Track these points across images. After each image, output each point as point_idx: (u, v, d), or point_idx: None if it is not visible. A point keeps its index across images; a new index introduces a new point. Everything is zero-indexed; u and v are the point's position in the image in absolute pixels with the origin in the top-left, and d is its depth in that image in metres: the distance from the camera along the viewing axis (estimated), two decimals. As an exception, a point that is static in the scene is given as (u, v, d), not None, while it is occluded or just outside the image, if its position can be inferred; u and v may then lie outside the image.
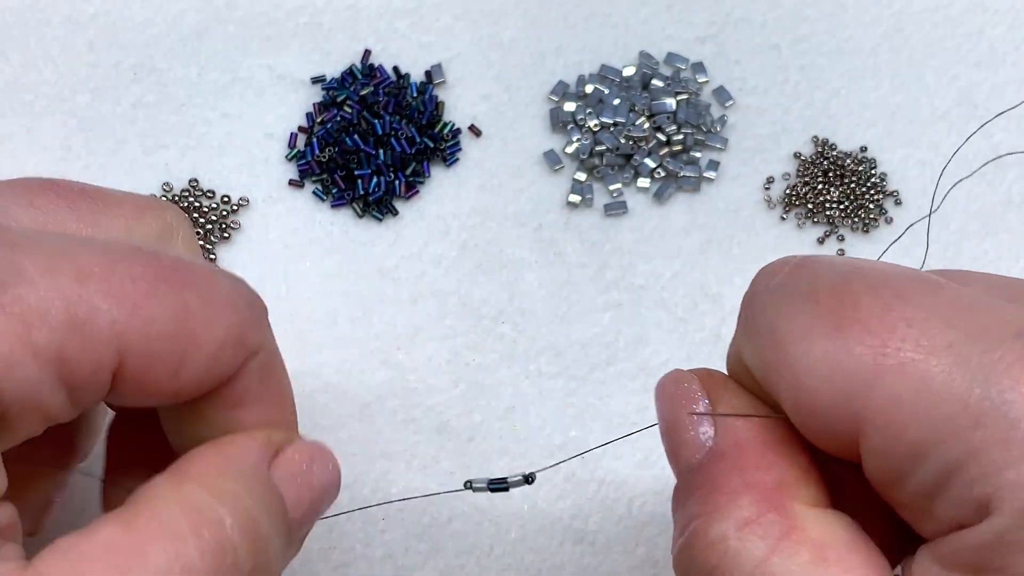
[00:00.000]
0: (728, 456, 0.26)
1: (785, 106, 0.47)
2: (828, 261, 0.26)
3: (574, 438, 0.42)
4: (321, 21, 0.48)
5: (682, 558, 0.26)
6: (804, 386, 0.24)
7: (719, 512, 0.25)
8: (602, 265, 0.44)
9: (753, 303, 0.27)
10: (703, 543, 0.25)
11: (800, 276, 0.25)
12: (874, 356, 0.23)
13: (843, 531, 0.25)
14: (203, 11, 0.48)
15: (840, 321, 0.24)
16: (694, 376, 0.28)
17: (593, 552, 0.40)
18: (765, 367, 0.25)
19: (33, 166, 0.46)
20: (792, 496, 0.25)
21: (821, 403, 0.24)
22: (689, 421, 0.27)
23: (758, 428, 0.26)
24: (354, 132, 0.46)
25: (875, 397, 0.23)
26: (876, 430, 0.23)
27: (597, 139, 0.46)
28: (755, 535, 0.24)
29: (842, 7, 0.48)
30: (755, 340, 0.26)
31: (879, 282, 0.24)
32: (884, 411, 0.23)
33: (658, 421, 0.28)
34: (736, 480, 0.25)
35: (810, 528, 0.24)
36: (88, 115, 0.46)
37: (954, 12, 0.48)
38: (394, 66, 0.47)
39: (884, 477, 0.24)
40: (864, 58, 0.47)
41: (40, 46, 0.47)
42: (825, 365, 0.23)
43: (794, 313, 0.25)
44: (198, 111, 0.46)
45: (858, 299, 0.24)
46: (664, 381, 0.28)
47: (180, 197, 0.45)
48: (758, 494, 0.25)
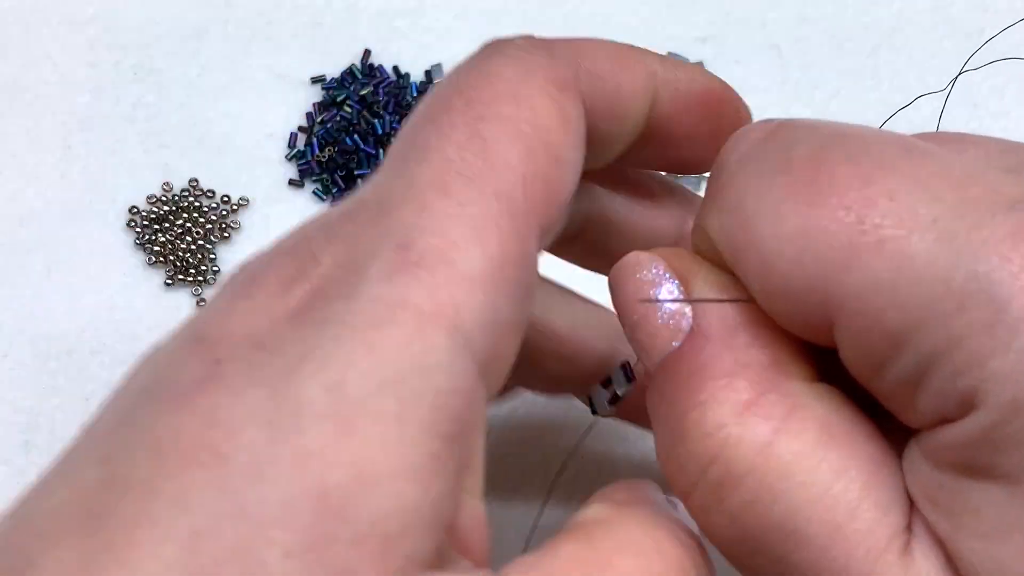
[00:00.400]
0: (716, 337, 0.23)
1: (785, 106, 0.47)
2: (806, 126, 0.23)
3: (574, 438, 0.42)
4: (321, 21, 0.48)
5: (672, 456, 0.23)
6: (774, 268, 0.22)
7: (714, 398, 0.22)
8: (602, 265, 0.44)
9: (721, 174, 0.24)
10: (699, 434, 0.22)
11: (773, 144, 0.23)
12: (850, 234, 0.21)
13: (843, 406, 0.23)
14: (203, 11, 0.48)
15: (814, 195, 0.21)
16: (657, 257, 0.24)
17: (593, 552, 0.40)
18: (732, 245, 0.23)
19: (33, 166, 0.46)
20: (789, 373, 0.23)
21: (792, 287, 0.21)
22: (659, 307, 0.24)
23: (743, 303, 0.23)
24: (354, 132, 0.46)
25: (850, 279, 0.21)
26: (851, 315, 0.21)
27: (597, 139, 0.46)
28: (757, 417, 0.22)
29: (842, 7, 0.48)
30: (722, 216, 0.23)
31: (859, 150, 0.22)
32: (860, 295, 0.21)
33: (618, 312, 0.25)
34: (729, 361, 0.23)
35: (812, 405, 0.22)
36: (88, 115, 0.46)
37: (954, 12, 0.48)
38: (394, 66, 0.47)
39: (861, 366, 0.22)
40: (864, 58, 0.47)
41: (40, 46, 0.47)
42: (796, 245, 0.21)
43: (764, 187, 0.22)
44: (198, 111, 0.46)
45: (835, 169, 0.21)
46: (619, 268, 0.25)
47: (180, 197, 0.45)
48: (755, 374, 0.22)
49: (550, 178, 0.22)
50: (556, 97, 0.23)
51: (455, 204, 0.21)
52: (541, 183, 0.22)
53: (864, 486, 0.22)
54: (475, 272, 0.20)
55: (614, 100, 0.25)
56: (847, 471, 0.22)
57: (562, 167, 0.23)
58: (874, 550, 0.21)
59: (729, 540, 0.23)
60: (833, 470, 0.22)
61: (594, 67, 0.25)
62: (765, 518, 0.22)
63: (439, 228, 0.20)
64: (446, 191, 0.21)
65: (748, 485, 0.22)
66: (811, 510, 0.21)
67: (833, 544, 0.21)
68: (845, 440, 0.22)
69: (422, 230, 0.20)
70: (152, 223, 0.45)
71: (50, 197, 0.45)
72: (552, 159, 0.22)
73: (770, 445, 0.22)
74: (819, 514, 0.21)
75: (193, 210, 0.45)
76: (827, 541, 0.21)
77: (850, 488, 0.22)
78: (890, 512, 0.22)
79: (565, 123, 0.23)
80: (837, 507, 0.21)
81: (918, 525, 0.22)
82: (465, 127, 0.22)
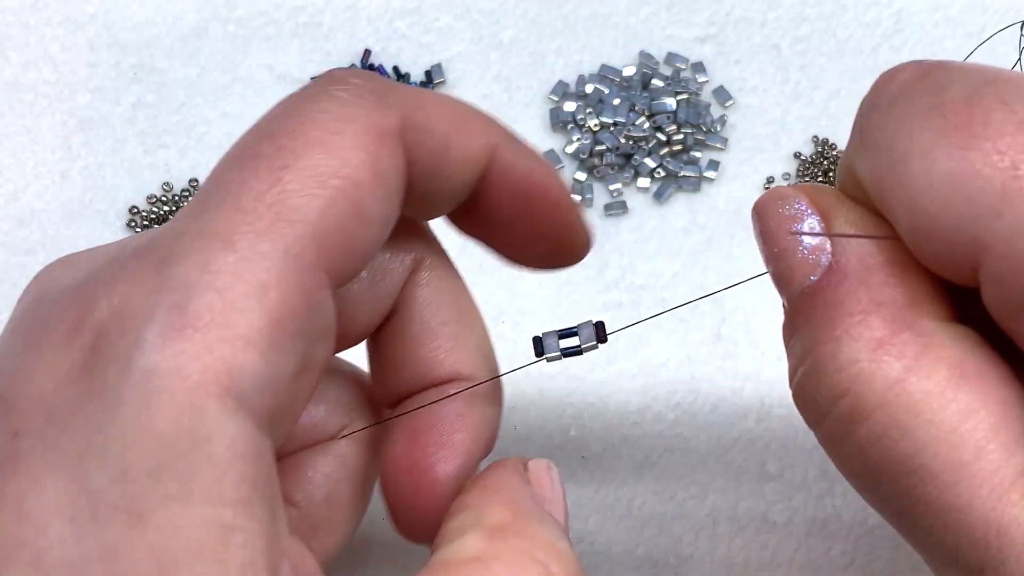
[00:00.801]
0: (852, 274, 0.24)
1: (785, 106, 0.47)
2: (957, 69, 0.23)
3: (574, 438, 0.42)
4: (321, 21, 0.48)
5: (805, 387, 0.24)
6: (923, 208, 0.22)
7: (849, 334, 0.23)
8: (602, 265, 0.44)
9: (872, 113, 0.24)
10: (832, 368, 0.23)
11: (926, 85, 0.23)
12: (1003, 179, 0.21)
13: (977, 347, 0.23)
14: (203, 11, 0.48)
15: (968, 137, 0.22)
16: (800, 193, 0.25)
17: (592, 552, 0.40)
18: (881, 183, 0.23)
19: (33, 166, 0.46)
20: (924, 313, 0.23)
21: (940, 226, 0.22)
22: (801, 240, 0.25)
23: (882, 242, 0.24)
24: (354, 132, 0.46)
25: (1000, 224, 0.21)
26: (999, 258, 0.21)
27: (597, 139, 0.46)
28: (890, 355, 0.23)
29: (842, 7, 0.48)
30: (871, 156, 0.24)
31: (1014, 96, 0.22)
32: (1009, 239, 0.21)
33: (760, 244, 0.26)
34: (865, 299, 0.23)
35: (946, 345, 0.23)
36: (88, 115, 0.46)
37: (954, 12, 0.48)
38: (394, 66, 0.47)
39: (1003, 308, 0.22)
40: (864, 58, 0.47)
41: (40, 46, 0.47)
42: (948, 186, 0.22)
43: (916, 129, 0.22)
44: (198, 111, 0.46)
45: (989, 114, 0.22)
46: (765, 200, 0.26)
47: (180, 197, 0.45)
48: (889, 312, 0.23)
49: (351, 232, 0.23)
50: (371, 149, 0.23)
51: (239, 259, 0.21)
52: (340, 236, 0.22)
53: (992, 427, 0.22)
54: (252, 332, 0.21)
55: (442, 160, 0.25)
56: (976, 412, 0.22)
57: (366, 222, 0.23)
58: (998, 488, 0.22)
59: (855, 471, 0.24)
60: (962, 410, 0.22)
61: (427, 122, 0.25)
62: (892, 452, 0.23)
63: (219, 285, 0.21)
64: (232, 245, 0.21)
65: (877, 419, 0.23)
66: (937, 447, 0.22)
67: (957, 481, 0.22)
68: (977, 381, 0.22)
69: (202, 288, 0.21)
70: (152, 223, 0.45)
71: (50, 197, 0.45)
72: (356, 213, 0.23)
73: (901, 383, 0.22)
74: (945, 452, 0.22)
75: (193, 210, 0.45)
76: (951, 478, 0.22)
77: (978, 428, 0.22)
78: (1017, 453, 0.22)
79: (377, 177, 0.23)
80: (964, 446, 0.22)
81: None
82: (268, 175, 0.22)
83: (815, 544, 0.41)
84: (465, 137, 0.26)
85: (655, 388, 0.42)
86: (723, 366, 0.43)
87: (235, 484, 0.20)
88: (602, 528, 0.41)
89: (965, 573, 0.23)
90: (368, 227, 0.23)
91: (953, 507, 0.22)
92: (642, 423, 0.42)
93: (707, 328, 0.43)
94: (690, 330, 0.43)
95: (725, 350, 0.43)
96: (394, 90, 0.25)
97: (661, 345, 0.43)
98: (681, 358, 0.43)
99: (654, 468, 0.41)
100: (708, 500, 0.41)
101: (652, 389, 0.42)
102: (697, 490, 0.41)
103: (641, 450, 0.41)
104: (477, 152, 0.26)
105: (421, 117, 0.25)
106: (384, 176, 0.23)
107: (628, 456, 0.41)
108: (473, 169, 0.26)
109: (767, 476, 0.41)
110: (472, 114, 0.26)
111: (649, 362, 0.43)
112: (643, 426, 0.42)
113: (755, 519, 0.41)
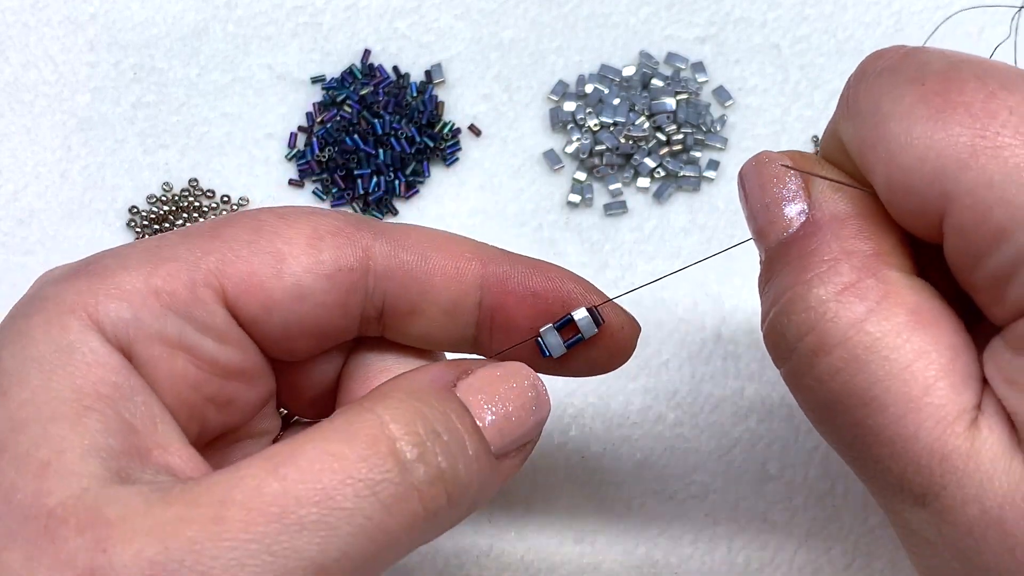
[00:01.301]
0: (826, 227, 0.27)
1: (785, 106, 0.47)
2: (937, 51, 0.27)
3: (574, 438, 0.42)
4: (321, 21, 0.48)
5: (775, 325, 0.27)
6: (900, 161, 0.25)
7: (819, 278, 0.26)
8: (602, 265, 0.44)
9: (859, 83, 0.27)
10: (801, 307, 0.26)
11: (909, 61, 0.26)
12: (972, 138, 0.24)
13: (934, 298, 0.26)
14: (203, 11, 0.48)
15: (944, 103, 0.25)
16: (784, 155, 0.28)
17: (592, 552, 0.40)
18: (862, 143, 0.26)
19: (33, 166, 0.46)
20: (888, 264, 0.26)
21: (914, 179, 0.25)
22: (781, 197, 0.28)
23: (853, 202, 0.27)
24: (354, 132, 0.46)
25: (967, 177, 0.24)
26: (962, 209, 0.24)
27: (597, 139, 0.46)
28: (855, 297, 0.26)
29: (842, 7, 0.48)
30: (856, 118, 0.27)
31: (985, 72, 0.25)
32: (973, 191, 0.24)
33: (745, 201, 0.29)
34: (836, 248, 0.26)
35: (905, 293, 0.26)
36: (88, 115, 0.46)
37: (954, 12, 0.48)
38: (394, 66, 0.47)
39: (963, 258, 0.25)
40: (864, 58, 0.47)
41: (40, 46, 0.47)
42: (923, 143, 0.24)
43: (899, 94, 0.25)
44: (198, 111, 0.46)
45: (964, 84, 0.25)
46: (751, 163, 0.29)
47: (180, 197, 0.45)
48: (857, 260, 0.26)
49: (261, 278, 0.28)
50: (313, 241, 0.28)
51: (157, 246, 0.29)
52: (249, 277, 0.28)
53: (942, 368, 0.25)
54: (128, 290, 0.27)
55: (425, 275, 0.29)
56: (928, 353, 0.25)
57: (282, 279, 0.28)
58: (943, 421, 0.25)
59: (815, 403, 0.27)
60: (915, 351, 0.25)
61: (404, 240, 0.29)
62: (849, 384, 0.25)
63: (123, 253, 0.28)
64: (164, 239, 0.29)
65: (838, 354, 0.25)
66: (890, 382, 0.25)
67: (907, 413, 0.25)
68: (931, 327, 0.25)
69: (110, 254, 0.28)
70: (152, 223, 0.45)
71: (50, 197, 0.45)
72: (275, 272, 0.28)
73: (863, 322, 0.25)
74: (897, 386, 0.25)
75: (193, 210, 0.45)
76: (901, 410, 0.25)
77: (929, 367, 0.25)
78: (963, 393, 0.25)
79: (313, 250, 0.28)
80: (914, 382, 0.25)
81: (988, 406, 0.25)
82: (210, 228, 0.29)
83: (815, 544, 0.41)
84: (445, 256, 0.29)
85: (656, 388, 0.42)
86: (724, 366, 0.43)
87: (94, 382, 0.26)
88: (602, 528, 0.41)
89: (909, 498, 0.25)
90: (282, 281, 0.28)
91: (901, 436, 0.25)
92: (642, 423, 0.42)
93: (708, 328, 0.43)
94: (690, 330, 0.43)
95: (726, 350, 0.43)
96: (372, 219, 0.30)
97: (661, 345, 0.43)
98: (682, 358, 0.43)
99: (654, 468, 0.41)
100: (708, 500, 0.41)
101: (653, 389, 0.42)
102: (697, 490, 0.41)
103: (641, 450, 0.41)
104: (461, 266, 0.29)
105: (397, 235, 0.29)
106: (322, 257, 0.28)
107: (628, 456, 0.41)
108: (460, 284, 0.29)
109: (767, 476, 0.41)
110: (456, 238, 0.30)
111: (650, 362, 0.43)
112: (643, 426, 0.42)
113: (755, 519, 0.41)
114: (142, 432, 0.26)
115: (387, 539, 0.25)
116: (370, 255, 0.29)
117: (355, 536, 0.24)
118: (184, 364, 0.28)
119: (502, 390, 0.28)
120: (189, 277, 0.27)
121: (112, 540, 0.23)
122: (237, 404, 0.29)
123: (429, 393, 0.27)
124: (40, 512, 0.24)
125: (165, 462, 0.26)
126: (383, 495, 0.24)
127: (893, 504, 0.26)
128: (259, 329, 0.29)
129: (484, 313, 0.30)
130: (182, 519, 0.23)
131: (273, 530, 0.23)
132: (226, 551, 0.23)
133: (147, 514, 0.23)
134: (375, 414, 0.25)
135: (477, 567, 0.40)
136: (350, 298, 0.29)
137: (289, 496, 0.24)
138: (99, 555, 0.23)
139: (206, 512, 0.23)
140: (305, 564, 0.24)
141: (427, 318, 0.30)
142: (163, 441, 0.26)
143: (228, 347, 0.28)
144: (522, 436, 0.28)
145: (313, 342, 0.30)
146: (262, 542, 0.23)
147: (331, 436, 0.25)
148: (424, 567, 0.40)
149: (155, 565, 0.23)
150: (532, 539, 0.41)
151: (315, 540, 0.24)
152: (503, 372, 0.29)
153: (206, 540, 0.23)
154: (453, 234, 0.30)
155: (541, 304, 0.30)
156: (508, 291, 0.30)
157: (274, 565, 0.23)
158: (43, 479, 0.24)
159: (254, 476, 0.24)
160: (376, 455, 0.25)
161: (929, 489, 0.25)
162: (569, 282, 0.30)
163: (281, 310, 0.28)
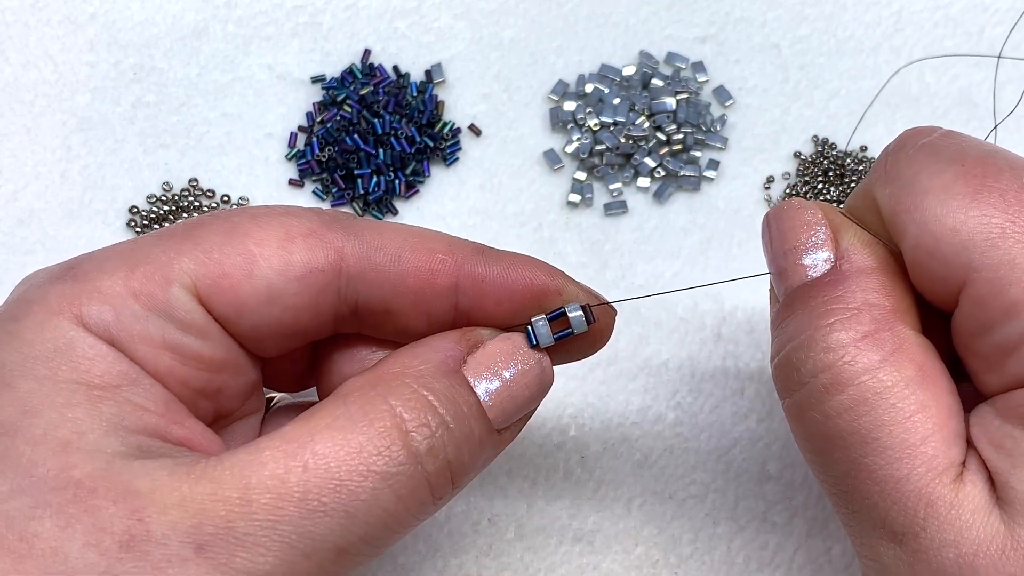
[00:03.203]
0: (852, 278, 0.29)
1: (785, 106, 0.47)
2: (972, 138, 0.30)
3: (573, 437, 0.42)
4: (321, 21, 0.48)
5: (791, 359, 0.29)
6: (933, 229, 0.28)
7: (841, 323, 0.29)
8: (602, 265, 0.44)
9: (899, 152, 0.30)
10: (821, 347, 0.29)
11: (950, 142, 0.29)
12: (1004, 221, 0.27)
13: (935, 358, 0.29)
14: (203, 11, 0.48)
15: (981, 185, 0.27)
16: (815, 207, 0.31)
17: (591, 552, 0.40)
18: (898, 206, 0.29)
19: (33, 166, 0.46)
20: (903, 320, 0.29)
21: (943, 246, 0.27)
22: (811, 243, 0.30)
23: (878, 259, 0.30)
24: (354, 131, 0.46)
25: (993, 254, 0.27)
26: (983, 281, 0.27)
27: (597, 138, 0.46)
28: (872, 346, 0.28)
29: (842, 7, 0.48)
30: (895, 183, 0.29)
31: (1015, 164, 0.28)
32: (996, 267, 0.27)
33: (770, 242, 0.31)
34: (860, 298, 0.29)
35: (915, 350, 0.28)
36: (88, 115, 0.46)
37: (954, 12, 0.48)
38: (394, 66, 0.47)
39: (973, 325, 0.28)
40: (864, 58, 0.47)
41: (40, 46, 0.47)
42: (958, 216, 0.27)
43: (939, 169, 0.28)
44: (198, 111, 0.46)
45: (1000, 173, 0.28)
46: (783, 207, 0.31)
47: (180, 197, 0.45)
48: (877, 313, 0.29)
49: (235, 280, 0.29)
50: (284, 243, 0.29)
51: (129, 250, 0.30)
52: (223, 278, 0.29)
53: (937, 423, 0.28)
54: (107, 292, 0.28)
55: (397, 272, 0.30)
56: (928, 408, 0.28)
57: (254, 279, 0.29)
58: (934, 470, 0.27)
59: (816, 435, 0.29)
60: (919, 403, 0.28)
61: (377, 239, 0.30)
62: (854, 423, 0.28)
63: (99, 257, 0.29)
64: (137, 243, 0.30)
65: (850, 394, 0.28)
66: (894, 427, 0.27)
67: (903, 457, 0.27)
68: (933, 385, 0.28)
69: (90, 258, 0.29)
70: (152, 223, 0.45)
71: (50, 197, 0.45)
72: (247, 276, 0.29)
73: (876, 370, 0.28)
74: (899, 432, 0.27)
75: (193, 210, 0.45)
76: (899, 454, 0.27)
77: (928, 420, 0.27)
78: (952, 448, 0.27)
79: (284, 252, 0.29)
80: (914, 431, 0.27)
81: (972, 463, 0.28)
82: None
83: (815, 544, 0.41)
84: (419, 257, 0.30)
85: (655, 388, 0.42)
86: (724, 366, 0.43)
87: (100, 373, 0.27)
88: (602, 528, 0.41)
89: (887, 535, 0.28)
90: (253, 283, 0.29)
91: (893, 477, 0.27)
92: (642, 423, 0.42)
93: (708, 328, 0.43)
94: (690, 330, 0.43)
95: (726, 350, 0.43)
96: (348, 217, 0.30)
97: (661, 345, 0.43)
98: (682, 358, 0.43)
99: (654, 468, 0.41)
100: (708, 500, 0.41)
101: (652, 389, 0.42)
102: (697, 490, 0.41)
103: (641, 450, 0.41)
104: (435, 269, 0.30)
105: (370, 235, 0.30)
106: (292, 259, 0.29)
107: (628, 456, 0.41)
108: (433, 287, 0.30)
109: (767, 476, 0.41)
110: (432, 238, 0.31)
111: (650, 362, 0.43)
112: (643, 426, 0.42)
113: (755, 519, 0.41)
114: (155, 412, 0.28)
115: (398, 523, 0.27)
116: (342, 256, 0.29)
117: (371, 523, 0.26)
118: (170, 362, 0.28)
119: (510, 368, 0.29)
120: (163, 278, 0.28)
121: (147, 511, 0.25)
122: (226, 393, 0.30)
123: (439, 379, 0.28)
124: (68, 483, 0.25)
125: (182, 437, 0.28)
126: (397, 487, 0.27)
127: (868, 538, 0.28)
128: (233, 328, 0.29)
129: (460, 313, 0.30)
130: (213, 497, 0.25)
131: (297, 514, 0.25)
132: (257, 529, 0.25)
133: (176, 488, 0.25)
134: (389, 406, 0.27)
135: (477, 567, 0.40)
136: (321, 299, 0.29)
137: (311, 484, 0.26)
138: (136, 523, 0.24)
139: (234, 493, 0.25)
140: (328, 546, 0.26)
141: (402, 317, 0.30)
142: (177, 419, 0.28)
143: (211, 343, 0.29)
144: (524, 409, 0.30)
145: (285, 341, 0.30)
146: (289, 524, 0.25)
147: (348, 426, 0.27)
148: (424, 567, 0.40)
149: (192, 536, 0.25)
150: (532, 539, 0.41)
151: (336, 526, 0.26)
152: (511, 347, 0.30)
153: (238, 519, 0.25)
154: (429, 233, 0.31)
155: (517, 306, 0.30)
156: (484, 294, 0.30)
157: (300, 544, 0.26)
158: (66, 455, 0.25)
159: (276, 460, 0.26)
160: (391, 448, 0.27)
161: (910, 529, 0.27)
162: (548, 277, 0.31)
163: (251, 312, 0.29)
